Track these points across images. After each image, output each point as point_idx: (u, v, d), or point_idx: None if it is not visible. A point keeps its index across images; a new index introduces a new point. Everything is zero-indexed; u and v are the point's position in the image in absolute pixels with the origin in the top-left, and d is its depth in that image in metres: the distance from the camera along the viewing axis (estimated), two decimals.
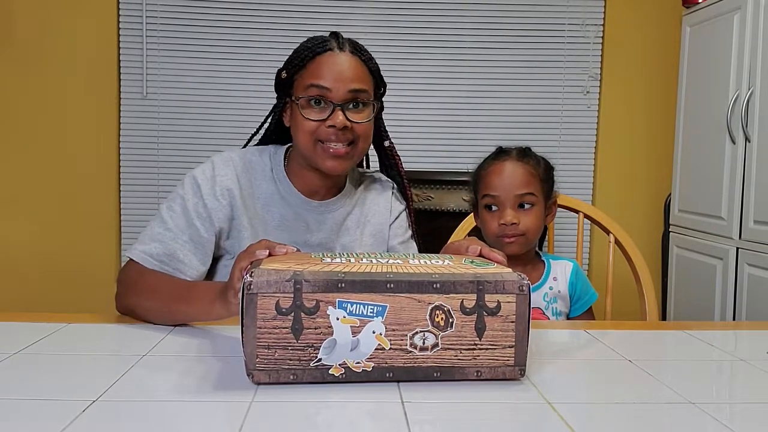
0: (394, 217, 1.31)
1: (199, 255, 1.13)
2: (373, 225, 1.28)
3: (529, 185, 1.31)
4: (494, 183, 1.31)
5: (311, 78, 1.13)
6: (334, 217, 1.23)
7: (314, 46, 1.15)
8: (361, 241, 1.26)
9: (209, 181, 1.16)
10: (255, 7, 2.91)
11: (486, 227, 1.34)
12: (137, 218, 2.93)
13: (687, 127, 2.58)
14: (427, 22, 2.96)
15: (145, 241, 1.12)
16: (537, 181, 1.32)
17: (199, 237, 1.13)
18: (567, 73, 3.00)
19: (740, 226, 2.23)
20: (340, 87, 1.12)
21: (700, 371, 0.87)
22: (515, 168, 1.31)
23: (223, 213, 1.15)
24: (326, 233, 1.22)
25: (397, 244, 1.29)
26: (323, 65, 1.13)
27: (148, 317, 1.03)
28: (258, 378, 0.72)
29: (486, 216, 1.34)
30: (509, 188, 1.30)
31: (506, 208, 1.30)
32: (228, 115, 2.90)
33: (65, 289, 2.87)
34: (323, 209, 1.22)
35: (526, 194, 1.30)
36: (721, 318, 2.28)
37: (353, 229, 1.26)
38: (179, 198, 1.15)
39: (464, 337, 0.74)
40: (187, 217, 1.13)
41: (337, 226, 1.24)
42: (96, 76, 2.88)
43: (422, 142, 2.99)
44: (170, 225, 1.13)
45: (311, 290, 0.72)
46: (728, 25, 2.30)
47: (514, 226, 1.29)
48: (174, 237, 1.12)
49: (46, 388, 0.73)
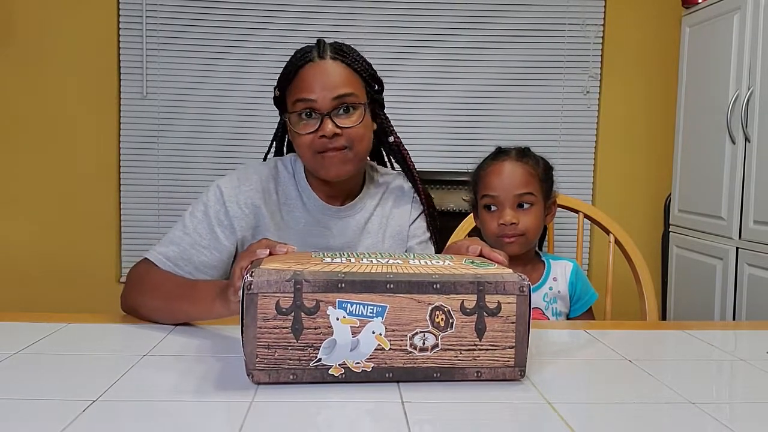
0: (414, 218, 1.31)
1: (215, 261, 1.14)
2: (392, 227, 1.28)
3: (528, 185, 1.30)
4: (493, 183, 1.31)
5: (297, 93, 1.14)
6: (356, 221, 1.24)
7: (296, 60, 1.15)
8: (383, 243, 1.26)
9: (234, 190, 1.17)
10: (254, 8, 2.91)
11: (485, 227, 1.34)
12: (137, 218, 2.93)
13: (687, 127, 2.58)
14: (427, 22, 2.96)
15: (165, 244, 1.13)
16: (536, 181, 1.32)
17: (218, 244, 1.14)
18: (567, 73, 3.00)
19: (740, 226, 2.23)
20: (325, 95, 1.12)
21: (700, 371, 0.87)
22: (514, 168, 1.31)
23: (246, 222, 1.16)
24: (348, 237, 1.23)
25: (416, 245, 1.29)
26: (306, 77, 1.13)
27: (151, 316, 1.03)
28: (258, 378, 0.72)
29: (485, 216, 1.33)
30: (508, 188, 1.30)
31: (505, 208, 1.29)
32: (228, 115, 2.91)
33: (65, 289, 2.88)
34: (343, 214, 1.23)
35: (525, 194, 1.30)
36: (721, 318, 2.28)
37: (375, 232, 1.26)
38: (202, 205, 1.16)
39: (464, 337, 0.74)
40: (208, 223, 1.14)
41: (359, 229, 1.24)
42: (96, 76, 2.88)
43: (422, 142, 2.99)
44: (190, 230, 1.13)
45: (311, 290, 0.72)
46: (728, 25, 2.30)
47: (513, 226, 1.28)
48: (193, 242, 1.12)
49: (46, 388, 0.73)
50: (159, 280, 1.07)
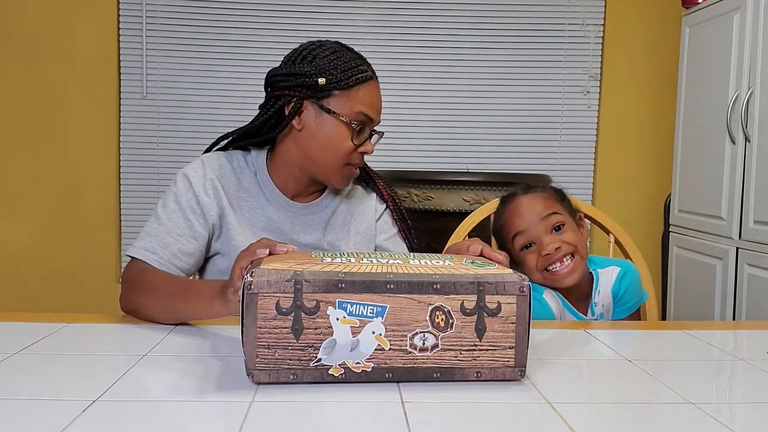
0: (379, 214, 1.32)
1: (192, 249, 1.14)
2: (359, 222, 1.28)
3: (549, 206, 1.25)
4: (516, 221, 1.25)
5: (362, 105, 1.15)
6: (320, 218, 1.24)
7: (358, 71, 1.15)
8: (348, 238, 1.27)
9: (201, 178, 1.17)
10: (254, 7, 2.91)
11: (530, 267, 1.23)
12: (137, 218, 2.93)
13: (687, 127, 2.58)
14: (427, 22, 2.96)
15: (142, 238, 1.13)
16: (554, 201, 1.27)
17: (193, 231, 1.15)
18: (567, 73, 3.00)
19: (740, 226, 2.23)
20: (378, 118, 1.18)
21: (700, 371, 0.87)
22: (528, 199, 1.26)
23: (214, 210, 1.17)
24: (313, 234, 1.23)
25: (385, 240, 1.30)
26: (371, 94, 1.16)
27: (150, 316, 1.03)
28: (258, 378, 0.72)
29: (527, 257, 1.24)
30: (534, 216, 1.23)
31: (542, 237, 1.22)
32: (227, 115, 2.90)
33: (65, 289, 2.88)
34: (307, 211, 1.23)
35: (552, 214, 1.24)
36: (721, 318, 2.28)
37: (339, 227, 1.26)
38: (172, 195, 1.17)
39: (464, 338, 0.74)
40: (181, 212, 1.15)
41: (323, 226, 1.25)
42: (96, 76, 2.88)
43: (422, 142, 2.99)
44: (164, 220, 1.14)
45: (311, 290, 0.72)
46: (728, 25, 2.30)
47: (558, 250, 1.20)
48: (168, 231, 1.13)
49: (46, 388, 0.73)
50: (156, 279, 1.07)
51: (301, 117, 1.16)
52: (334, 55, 1.16)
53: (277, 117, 1.18)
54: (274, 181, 1.21)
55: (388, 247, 1.30)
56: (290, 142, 1.19)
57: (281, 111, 1.17)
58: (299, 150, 1.18)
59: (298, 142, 1.18)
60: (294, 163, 1.19)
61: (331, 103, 1.15)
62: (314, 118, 1.16)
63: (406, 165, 2.94)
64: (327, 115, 1.15)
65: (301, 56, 1.17)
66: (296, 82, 1.15)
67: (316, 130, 1.16)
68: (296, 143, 1.18)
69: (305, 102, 1.16)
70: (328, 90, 1.14)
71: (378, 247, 1.30)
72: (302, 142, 1.17)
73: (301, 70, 1.15)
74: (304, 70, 1.14)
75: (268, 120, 1.18)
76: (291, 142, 1.19)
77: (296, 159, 1.19)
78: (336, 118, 1.14)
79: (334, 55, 1.15)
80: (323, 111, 1.15)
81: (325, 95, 1.15)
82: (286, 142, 1.19)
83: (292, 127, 1.17)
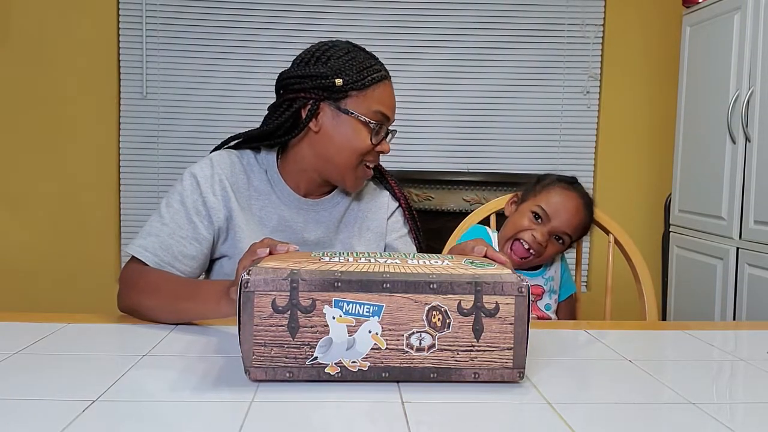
0: (391, 212, 1.31)
1: (194, 252, 1.13)
2: (371, 220, 1.27)
3: (575, 230, 1.38)
4: (557, 208, 1.36)
5: (379, 104, 1.14)
6: (331, 215, 1.23)
7: (374, 70, 1.15)
8: (360, 236, 1.26)
9: (209, 178, 1.15)
10: (255, 8, 2.91)
11: (517, 220, 1.38)
12: (137, 218, 2.93)
13: (687, 127, 2.58)
14: (427, 24, 2.96)
15: (143, 236, 1.12)
16: (580, 231, 1.40)
17: (196, 234, 1.13)
18: (567, 73, 3.00)
19: (740, 226, 2.22)
20: (393, 117, 1.18)
21: (700, 371, 0.87)
22: (579, 211, 1.38)
23: (221, 212, 1.15)
24: (323, 231, 1.22)
25: (395, 239, 1.29)
26: (386, 93, 1.16)
27: (151, 315, 1.03)
28: (255, 375, 0.72)
29: (518, 219, 1.38)
30: (563, 220, 1.36)
31: (545, 228, 1.35)
32: (228, 115, 2.91)
33: (65, 289, 2.88)
34: (319, 208, 1.22)
35: (568, 234, 1.37)
36: (721, 318, 2.27)
37: (351, 225, 1.26)
38: (177, 194, 1.15)
39: (461, 338, 0.74)
40: (186, 213, 1.13)
41: (335, 223, 1.24)
42: (96, 76, 2.88)
43: (423, 142, 3.00)
44: (167, 220, 1.12)
45: (307, 289, 0.72)
46: (728, 25, 2.30)
47: (539, 245, 1.34)
48: (171, 232, 1.11)
49: (46, 388, 0.72)
50: (158, 279, 1.06)
51: (318, 119, 1.15)
52: (349, 55, 1.14)
53: (293, 120, 1.16)
54: (286, 180, 1.20)
55: (398, 247, 1.28)
56: (304, 144, 1.17)
57: (297, 114, 1.16)
58: (314, 152, 1.17)
59: (314, 144, 1.16)
60: (308, 165, 1.18)
61: (348, 103, 1.13)
62: (331, 120, 1.14)
63: (406, 165, 2.94)
64: (345, 116, 1.13)
65: (315, 57, 1.15)
66: (312, 84, 1.13)
67: (333, 132, 1.15)
68: (311, 145, 1.16)
69: (321, 104, 1.14)
70: (345, 91, 1.13)
71: (387, 246, 1.28)
72: (318, 143, 1.16)
73: (316, 71, 1.13)
74: (320, 72, 1.13)
75: (283, 123, 1.16)
76: (305, 144, 1.17)
77: (311, 160, 1.17)
78: (354, 118, 1.13)
79: (349, 56, 1.14)
80: (341, 112, 1.13)
81: (342, 96, 1.13)
82: (299, 144, 1.18)
83: (309, 130, 1.16)
